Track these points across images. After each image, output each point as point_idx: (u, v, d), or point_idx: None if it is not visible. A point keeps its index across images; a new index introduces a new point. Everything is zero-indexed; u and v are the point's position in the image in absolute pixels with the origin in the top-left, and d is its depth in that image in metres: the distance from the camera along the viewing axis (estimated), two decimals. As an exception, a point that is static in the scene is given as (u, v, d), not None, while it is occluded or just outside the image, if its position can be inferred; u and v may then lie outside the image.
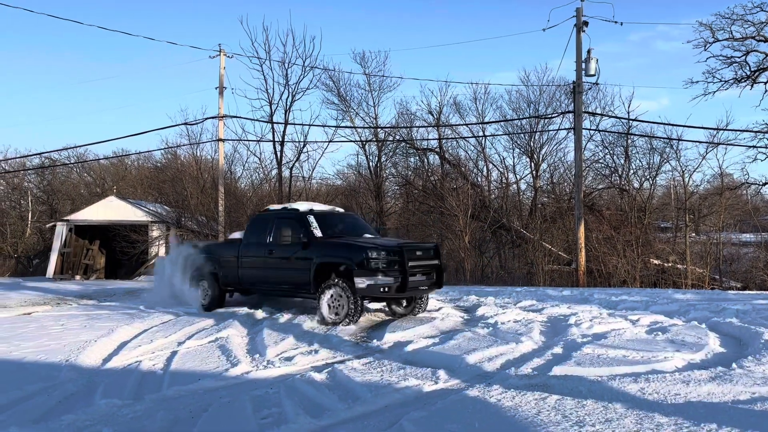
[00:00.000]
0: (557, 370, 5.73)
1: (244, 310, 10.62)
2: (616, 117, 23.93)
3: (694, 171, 26.78)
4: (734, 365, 5.89)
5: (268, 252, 10.29)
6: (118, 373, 6.07)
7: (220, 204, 23.58)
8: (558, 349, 6.82)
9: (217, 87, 23.89)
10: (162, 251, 24.84)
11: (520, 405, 4.59)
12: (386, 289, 8.85)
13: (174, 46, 66.90)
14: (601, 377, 5.52)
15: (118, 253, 25.77)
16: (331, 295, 9.08)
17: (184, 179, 26.62)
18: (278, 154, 25.48)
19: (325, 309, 9.08)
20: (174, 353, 6.97)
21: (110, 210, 25.88)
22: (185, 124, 25.55)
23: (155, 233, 25.21)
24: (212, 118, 24.31)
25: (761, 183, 23.20)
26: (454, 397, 4.86)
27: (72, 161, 35.89)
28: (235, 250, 10.89)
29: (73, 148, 34.83)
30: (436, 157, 27.95)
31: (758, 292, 16.31)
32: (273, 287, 10.49)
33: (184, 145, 28.21)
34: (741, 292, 16.47)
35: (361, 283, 8.86)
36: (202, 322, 9.26)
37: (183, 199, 26.05)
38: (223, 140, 24.17)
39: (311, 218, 10.06)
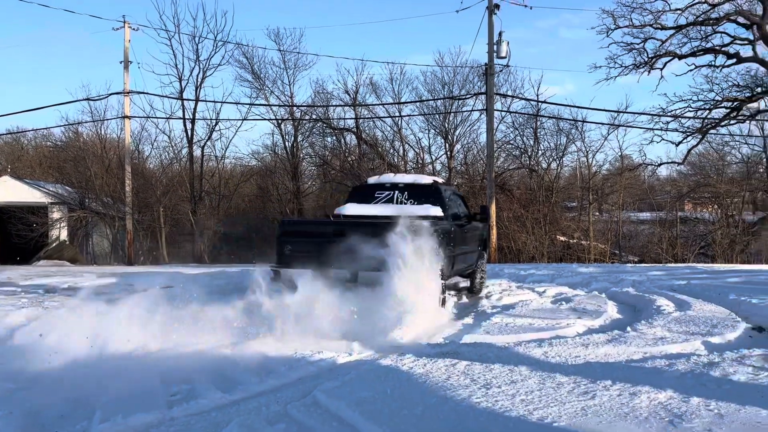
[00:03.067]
0: (467, 339, 5.93)
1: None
2: (525, 99, 24.80)
3: (597, 152, 28.17)
4: (629, 329, 6.31)
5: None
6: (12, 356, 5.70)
7: (127, 184, 22.59)
8: (469, 320, 7.07)
9: (121, 61, 22.73)
10: (64, 234, 23.57)
11: (431, 371, 4.72)
12: None
13: (73, 16, 62.77)
14: (509, 344, 5.75)
15: (14, 237, 24.12)
16: None
17: (88, 158, 25.29)
18: (189, 132, 24.71)
19: None
20: (78, 335, 6.63)
21: (4, 191, 24.18)
22: (87, 99, 24.25)
23: (56, 215, 23.82)
24: (117, 93, 23.19)
25: (657, 164, 24.76)
26: (367, 367, 4.93)
27: (-40, 139, 33.21)
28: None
29: (-40, 124, 32.20)
30: (353, 137, 27.95)
31: (653, 264, 17.50)
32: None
33: (86, 122, 26.75)
34: (638, 265, 17.62)
35: None
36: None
37: (86, 180, 24.76)
38: (129, 117, 23.07)
39: None
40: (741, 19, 20.12)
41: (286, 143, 27.49)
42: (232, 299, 7.35)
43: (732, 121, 22.15)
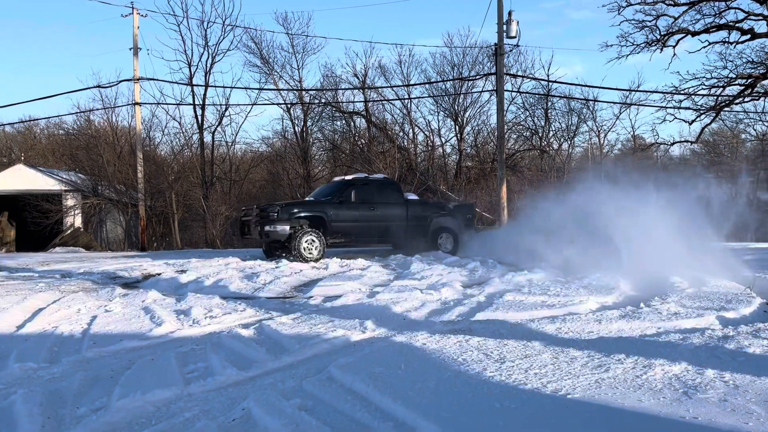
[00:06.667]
0: (480, 316, 5.95)
1: (169, 273, 10.37)
2: (536, 79, 24.58)
3: (608, 131, 27.95)
4: (642, 305, 6.30)
5: None
6: (33, 338, 5.81)
7: (139, 171, 22.71)
8: (481, 298, 7.08)
9: (131, 48, 22.76)
10: (78, 221, 23.77)
11: (445, 347, 4.74)
12: None
13: (83, 3, 63.03)
14: (521, 320, 5.77)
15: (30, 225, 24.39)
16: None
17: (100, 146, 25.44)
18: (199, 118, 24.77)
19: None
20: (94, 317, 6.72)
21: (19, 179, 24.44)
22: (98, 87, 24.34)
23: (70, 202, 24.04)
24: (127, 80, 23.24)
25: (670, 143, 24.52)
26: (381, 344, 4.96)
27: (-27, 128, 33.51)
28: None
29: (-27, 113, 32.49)
30: (363, 120, 27.88)
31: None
32: None
33: (97, 109, 26.92)
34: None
35: None
36: (125, 288, 8.98)
37: (99, 167, 24.94)
38: (139, 104, 23.14)
39: None
40: (756, -6, 19.76)
41: (296, 128, 27.52)
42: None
43: (746, 99, 21.86)
